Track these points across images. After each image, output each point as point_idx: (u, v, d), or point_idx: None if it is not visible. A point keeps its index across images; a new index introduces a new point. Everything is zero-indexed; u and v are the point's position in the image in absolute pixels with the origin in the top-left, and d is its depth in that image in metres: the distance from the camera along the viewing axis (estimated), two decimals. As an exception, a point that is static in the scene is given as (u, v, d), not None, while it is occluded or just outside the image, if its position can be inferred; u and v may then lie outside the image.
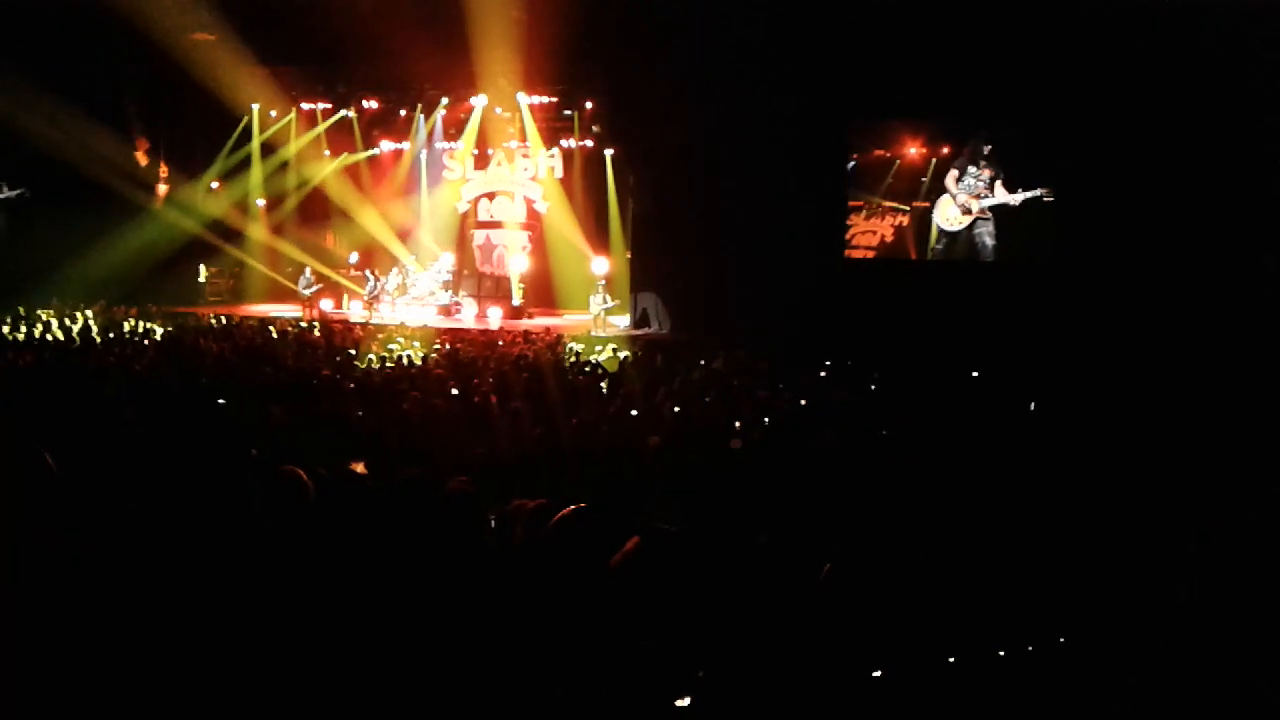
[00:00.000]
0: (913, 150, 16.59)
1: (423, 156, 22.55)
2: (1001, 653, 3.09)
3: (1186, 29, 13.55)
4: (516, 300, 20.35)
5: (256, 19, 18.17)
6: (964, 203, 15.91)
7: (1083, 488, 5.56)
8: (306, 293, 20.44)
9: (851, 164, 17.12)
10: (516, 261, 21.74)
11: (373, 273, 20.90)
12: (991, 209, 15.82)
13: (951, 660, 3.01)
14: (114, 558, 2.94)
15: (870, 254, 16.88)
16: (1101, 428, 8.09)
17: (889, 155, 16.79)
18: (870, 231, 16.77)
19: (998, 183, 15.79)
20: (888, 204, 16.64)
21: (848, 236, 17.08)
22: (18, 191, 22.50)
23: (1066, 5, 14.29)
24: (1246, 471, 6.15)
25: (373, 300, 20.46)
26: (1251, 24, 13.23)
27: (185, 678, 2.57)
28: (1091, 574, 3.81)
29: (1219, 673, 2.92)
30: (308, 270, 20.76)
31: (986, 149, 15.82)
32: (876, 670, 2.87)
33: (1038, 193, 15.41)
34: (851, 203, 16.95)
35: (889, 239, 16.77)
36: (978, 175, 15.94)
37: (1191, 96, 13.89)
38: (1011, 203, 15.56)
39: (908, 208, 16.63)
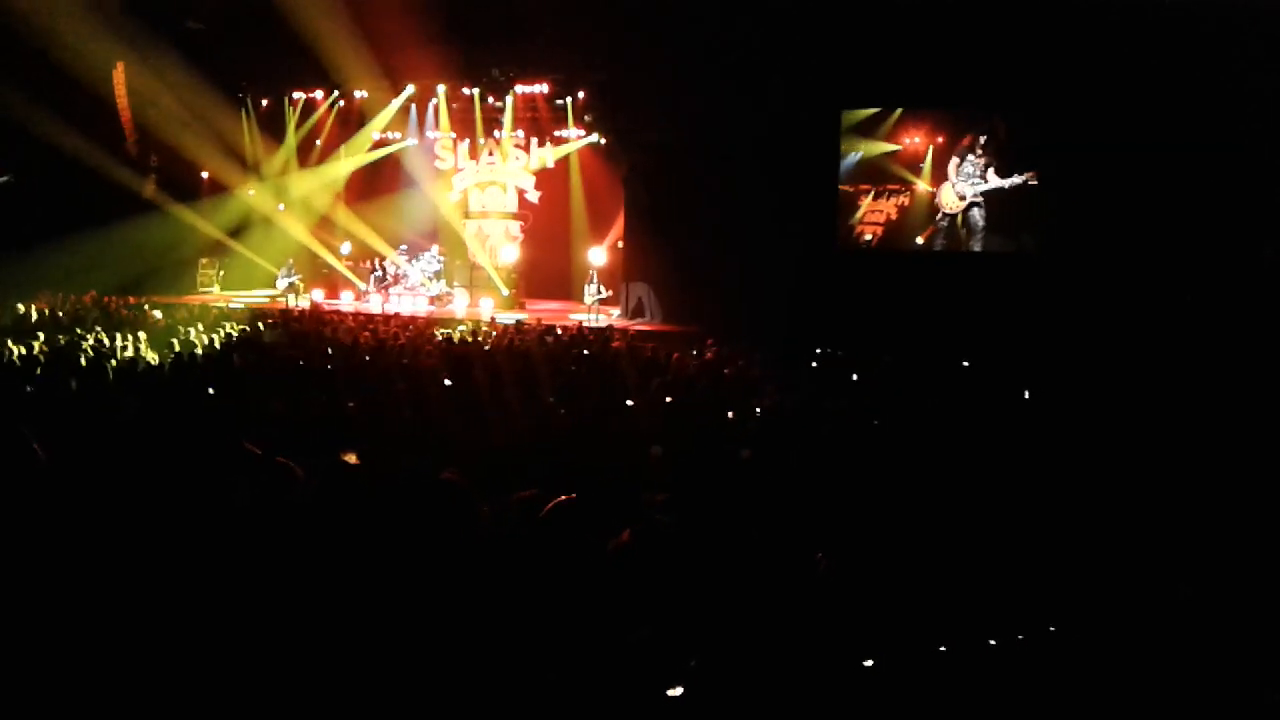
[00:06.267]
0: (909, 140, 17.52)
1: (413, 146, 22.50)
2: (993, 642, 3.10)
3: (1176, 19, 13.61)
4: (506, 290, 20.35)
5: (246, 7, 18.09)
6: (960, 190, 17.14)
7: (1078, 478, 5.58)
8: (291, 280, 20.52)
9: (859, 154, 17.66)
10: (507, 251, 21.72)
11: (379, 263, 20.98)
12: (984, 193, 16.99)
13: (943, 650, 3.02)
14: (101, 547, 2.93)
15: (879, 230, 17.88)
16: (1096, 417, 8.10)
17: (892, 144, 17.61)
18: (878, 211, 17.90)
19: (990, 169, 16.90)
20: (891, 187, 17.71)
21: (859, 216, 17.94)
22: (4, 178, 22.42)
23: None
24: (1245, 461, 6.16)
25: (384, 288, 20.53)
26: (1242, 15, 13.29)
27: (173, 667, 2.57)
28: (1085, 564, 3.82)
29: (1214, 664, 2.93)
30: (289, 262, 20.86)
31: (983, 139, 16.93)
32: (868, 660, 2.88)
33: (1024, 178, 16.59)
34: (862, 185, 17.85)
35: (894, 217, 17.84)
36: (974, 163, 17.00)
37: (1180, 85, 13.98)
38: (1004, 186, 16.78)
39: (910, 189, 17.58)
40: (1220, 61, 13.54)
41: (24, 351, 10.29)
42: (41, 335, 11.92)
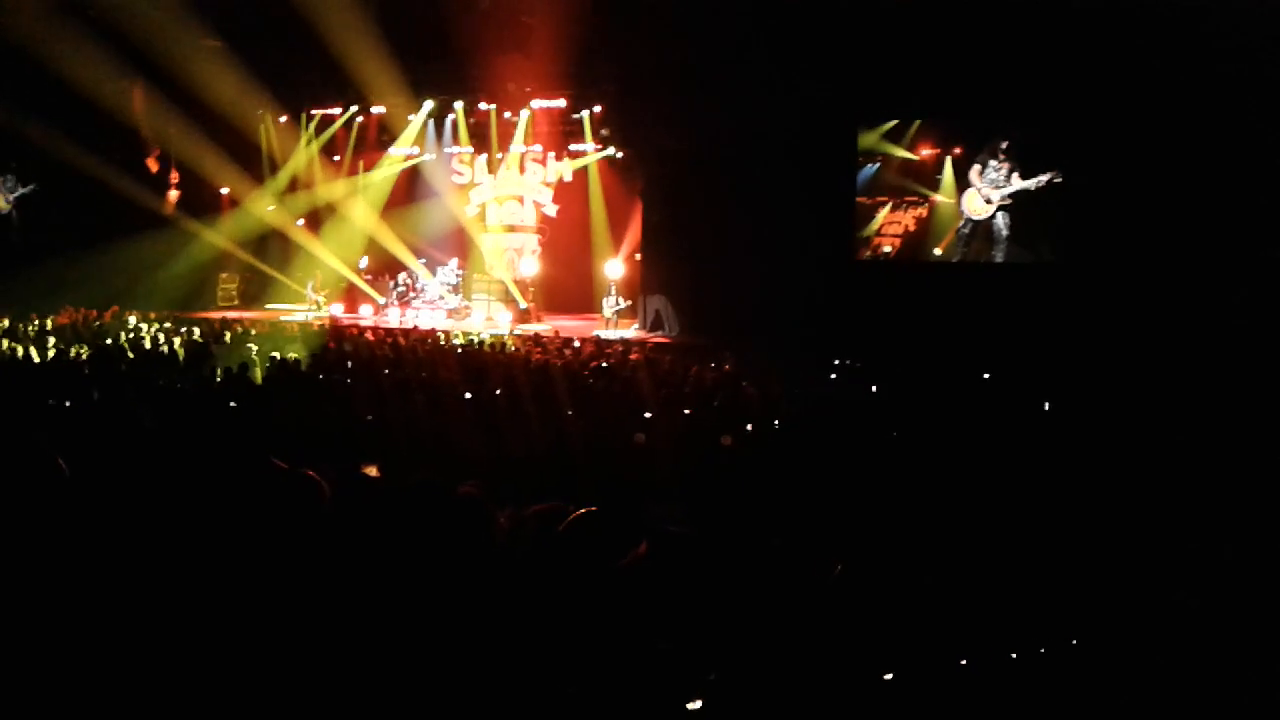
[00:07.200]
0: (926, 151, 17.56)
1: (431, 160, 22.60)
2: (1014, 655, 3.09)
3: (1193, 22, 13.57)
4: (524, 304, 20.40)
5: (264, 24, 18.24)
6: (987, 194, 17.11)
7: (1095, 489, 5.54)
8: (317, 296, 20.67)
9: (877, 165, 17.76)
10: (525, 265, 21.79)
11: (398, 276, 21.11)
12: (1011, 196, 16.97)
13: (963, 663, 3.01)
14: (124, 561, 2.95)
15: (896, 242, 17.91)
16: (1116, 429, 8.05)
17: (908, 155, 17.64)
18: (896, 222, 17.91)
19: (1015, 174, 16.89)
20: (909, 198, 17.72)
21: (877, 227, 17.96)
22: (27, 188, 22.70)
23: (1072, 5, 14.36)
24: (1260, 473, 6.11)
25: (403, 302, 20.62)
26: (1257, 19, 13.25)
27: (195, 681, 2.58)
28: (1104, 576, 3.80)
29: (1227, 676, 2.91)
30: (317, 275, 21.00)
31: (1004, 145, 16.90)
32: (888, 672, 2.87)
33: (1049, 176, 16.54)
34: (879, 198, 17.89)
35: (912, 229, 17.83)
36: (998, 169, 17.00)
37: (1200, 86, 13.94)
38: (1029, 187, 16.75)
39: (927, 200, 17.56)
40: (1240, 60, 13.46)
41: (48, 356, 10.44)
42: (55, 344, 12.07)
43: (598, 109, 20.31)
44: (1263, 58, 13.19)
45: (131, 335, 15.10)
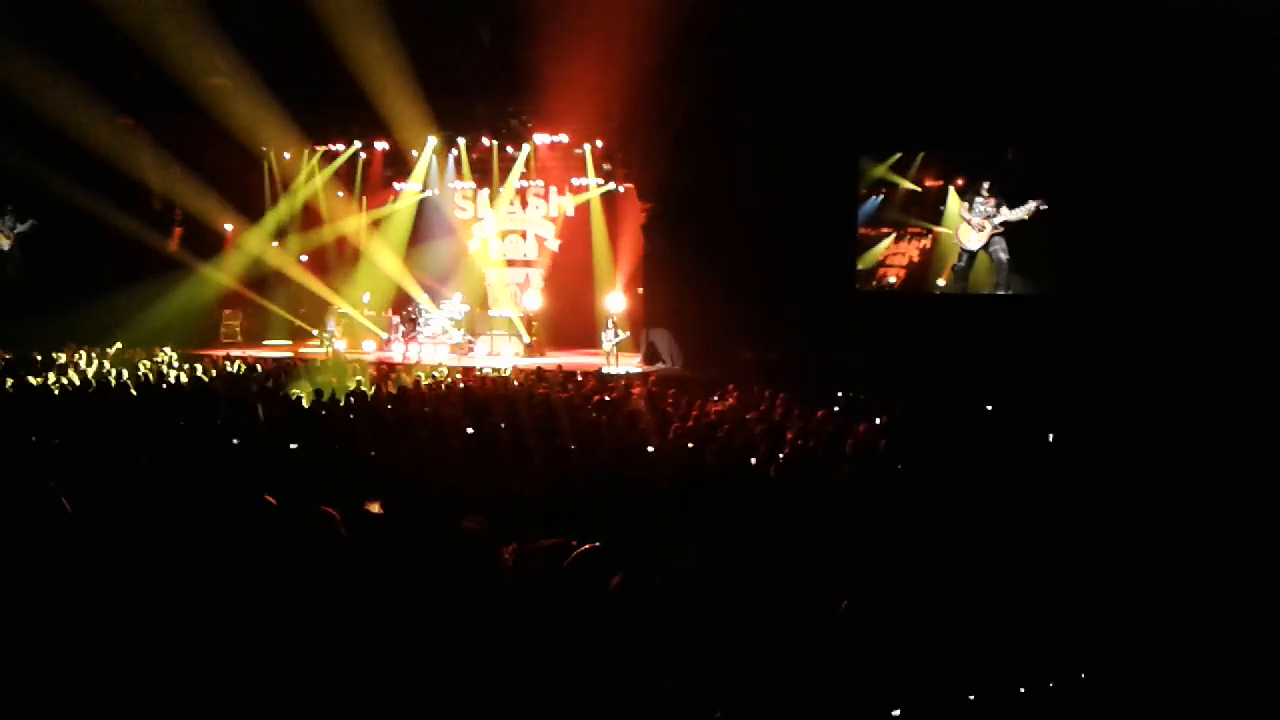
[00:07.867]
0: (930, 182, 17.70)
1: (434, 196, 22.69)
2: (1022, 690, 3.06)
3: (1181, 37, 13.67)
4: (527, 338, 20.42)
5: (272, 62, 18.38)
6: (979, 224, 17.32)
7: (1104, 520, 5.52)
8: (335, 332, 20.75)
9: (881, 197, 17.93)
10: (529, 299, 21.84)
11: (401, 311, 21.15)
12: (1004, 225, 17.15)
13: (971, 698, 2.98)
14: (129, 595, 2.94)
15: (902, 273, 18.04)
16: (1122, 460, 8.02)
17: (913, 186, 17.77)
18: (900, 254, 18.04)
19: (1003, 207, 17.11)
20: (913, 229, 17.85)
21: (881, 258, 18.09)
22: (26, 224, 22.82)
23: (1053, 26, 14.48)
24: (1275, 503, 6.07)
25: (406, 337, 20.63)
26: (1246, 29, 13.33)
27: (200, 715, 2.57)
28: (1113, 609, 3.77)
29: (1241, 708, 2.88)
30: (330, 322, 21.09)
31: (986, 184, 17.19)
32: (896, 709, 2.84)
33: (1034, 205, 16.74)
34: (884, 229, 18.00)
35: (916, 260, 17.96)
36: (984, 201, 17.23)
37: (1187, 103, 14.02)
38: (1016, 217, 16.97)
39: (930, 232, 17.69)
40: (1236, 69, 13.52)
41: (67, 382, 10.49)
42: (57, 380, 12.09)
43: (600, 143, 20.43)
44: (1263, 59, 13.22)
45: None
